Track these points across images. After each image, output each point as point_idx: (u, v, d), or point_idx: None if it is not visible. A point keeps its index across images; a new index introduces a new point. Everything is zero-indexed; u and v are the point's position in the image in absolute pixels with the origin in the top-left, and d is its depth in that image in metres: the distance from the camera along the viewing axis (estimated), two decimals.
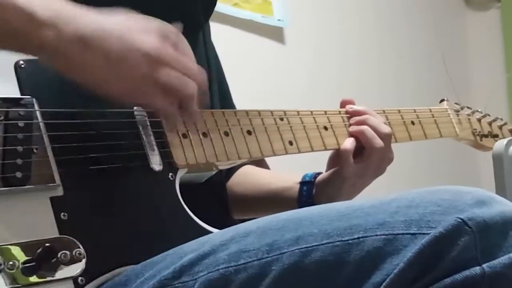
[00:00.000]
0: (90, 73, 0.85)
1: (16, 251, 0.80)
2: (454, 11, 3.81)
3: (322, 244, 0.77)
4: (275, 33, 2.80)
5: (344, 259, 0.75)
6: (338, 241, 0.76)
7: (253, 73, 2.64)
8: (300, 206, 1.24)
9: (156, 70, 0.87)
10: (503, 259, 0.71)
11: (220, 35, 2.43)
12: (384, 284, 0.72)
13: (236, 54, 2.57)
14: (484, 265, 0.71)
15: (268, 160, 2.06)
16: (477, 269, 0.71)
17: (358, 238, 0.76)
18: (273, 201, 1.28)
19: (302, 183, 1.26)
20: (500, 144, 1.83)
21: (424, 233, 0.72)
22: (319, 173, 1.27)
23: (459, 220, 0.72)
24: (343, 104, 1.27)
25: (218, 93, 1.25)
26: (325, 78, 2.89)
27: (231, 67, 2.41)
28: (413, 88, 3.26)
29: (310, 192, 1.25)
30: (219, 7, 2.53)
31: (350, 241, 0.76)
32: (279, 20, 2.79)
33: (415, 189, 0.80)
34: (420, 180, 2.89)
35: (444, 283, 0.71)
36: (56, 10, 0.83)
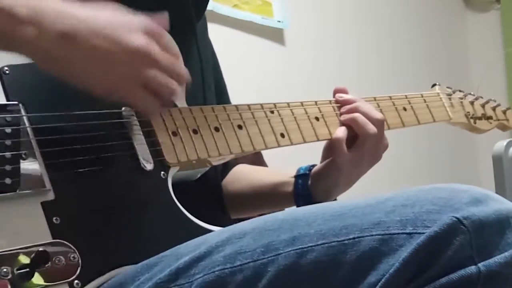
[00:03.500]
0: (74, 69, 0.85)
1: (10, 258, 0.80)
2: (454, 13, 3.81)
3: (317, 245, 0.76)
4: (275, 35, 2.80)
5: (340, 260, 0.75)
6: (334, 241, 0.76)
7: (253, 75, 2.65)
8: (296, 200, 1.23)
9: (143, 68, 0.87)
10: (498, 258, 0.71)
11: (220, 36, 2.44)
12: (379, 284, 0.72)
13: (236, 55, 2.57)
14: (480, 264, 0.70)
15: (267, 157, 2.06)
16: (472, 268, 0.70)
17: (354, 238, 0.75)
18: (269, 197, 1.27)
19: (297, 176, 1.25)
20: (500, 145, 1.83)
21: (419, 233, 0.72)
22: (313, 165, 1.25)
23: (454, 219, 0.71)
24: (334, 93, 1.27)
25: (215, 90, 1.25)
26: (325, 79, 2.89)
27: (231, 68, 2.41)
28: (413, 90, 3.25)
29: (305, 184, 1.23)
30: (219, 8, 2.54)
31: (345, 242, 0.75)
32: (279, 21, 2.79)
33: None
34: (420, 181, 2.88)
35: (439, 282, 0.70)
36: (36, 7, 0.82)
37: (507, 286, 0.72)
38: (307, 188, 1.23)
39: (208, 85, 1.19)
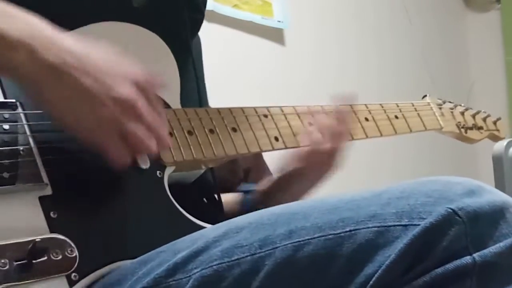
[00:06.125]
0: (58, 103, 0.83)
1: (7, 251, 0.80)
2: (454, 13, 3.81)
3: (314, 238, 0.77)
4: (275, 35, 2.80)
5: (337, 252, 0.75)
6: (330, 234, 0.76)
7: (253, 75, 2.65)
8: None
9: (125, 119, 0.85)
10: (493, 248, 0.71)
11: (220, 36, 2.46)
12: (376, 275, 0.72)
13: (236, 55, 2.57)
14: (475, 255, 0.71)
15: (267, 159, 2.06)
16: (467, 259, 0.71)
17: (350, 230, 0.75)
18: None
19: (244, 192, 1.28)
20: (500, 145, 1.84)
21: (415, 224, 0.72)
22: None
23: (449, 210, 0.72)
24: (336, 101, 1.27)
25: None
26: (325, 79, 2.89)
27: (231, 68, 2.41)
28: (413, 89, 3.26)
29: (253, 201, 1.26)
30: (219, 8, 2.55)
31: (342, 234, 0.76)
32: (279, 21, 2.80)
33: None
34: None
35: (435, 273, 0.71)
36: (29, 33, 0.81)
37: (502, 276, 0.72)
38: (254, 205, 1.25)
39: (205, 102, 1.20)
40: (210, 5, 2.37)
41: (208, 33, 1.33)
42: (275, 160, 1.48)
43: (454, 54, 3.77)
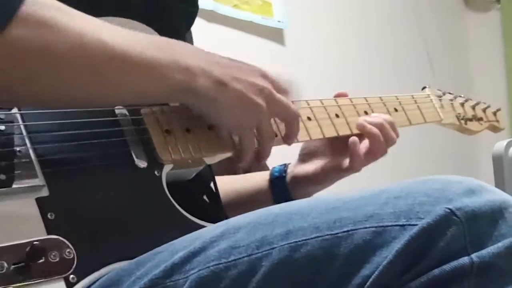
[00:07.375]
0: (222, 108, 0.97)
1: (5, 253, 0.80)
2: (454, 13, 3.81)
3: (311, 238, 0.76)
4: (275, 35, 2.80)
5: (334, 253, 0.75)
6: (327, 234, 0.76)
7: None
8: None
9: (263, 115, 1.01)
10: (492, 249, 0.71)
11: (219, 36, 2.45)
12: (373, 276, 0.72)
13: (236, 55, 2.56)
14: (473, 255, 0.70)
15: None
16: (465, 259, 0.70)
17: (347, 231, 0.75)
18: (248, 206, 1.27)
19: (272, 180, 1.28)
20: (500, 145, 1.84)
21: (413, 224, 0.72)
22: (286, 165, 1.28)
23: (447, 210, 0.71)
24: (336, 97, 1.28)
25: None
26: (325, 79, 2.89)
27: None
28: (413, 90, 3.25)
29: (283, 187, 1.27)
30: (219, 8, 2.54)
31: (339, 234, 0.75)
32: (279, 21, 2.80)
33: None
34: None
35: (433, 273, 0.71)
36: (204, 62, 0.95)
37: (500, 277, 0.72)
38: (286, 190, 1.27)
39: None
40: (210, 5, 2.36)
41: (208, 33, 1.32)
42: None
43: (454, 54, 3.77)
